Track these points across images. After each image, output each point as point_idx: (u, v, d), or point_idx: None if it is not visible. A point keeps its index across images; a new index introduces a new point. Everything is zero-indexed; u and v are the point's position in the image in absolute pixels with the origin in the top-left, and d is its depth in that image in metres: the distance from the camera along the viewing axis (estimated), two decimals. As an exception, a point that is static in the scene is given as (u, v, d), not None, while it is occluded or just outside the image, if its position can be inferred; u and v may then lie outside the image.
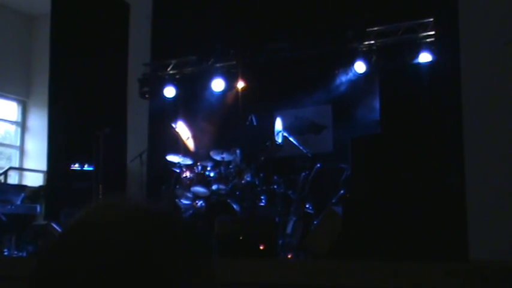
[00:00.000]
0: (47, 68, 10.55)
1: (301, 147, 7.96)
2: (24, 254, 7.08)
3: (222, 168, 8.03)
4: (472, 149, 4.84)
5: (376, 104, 6.37)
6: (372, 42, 8.36)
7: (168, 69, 9.78)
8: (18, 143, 12.88)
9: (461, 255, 4.70)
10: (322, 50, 8.65)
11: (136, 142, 9.53)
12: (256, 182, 7.80)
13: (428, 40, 7.91)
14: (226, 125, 9.11)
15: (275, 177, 7.73)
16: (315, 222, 6.54)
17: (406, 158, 5.41)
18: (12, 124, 12.98)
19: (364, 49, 8.38)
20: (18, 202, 8.79)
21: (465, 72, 4.86)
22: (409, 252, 4.98)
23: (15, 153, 12.83)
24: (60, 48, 10.35)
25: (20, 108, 12.99)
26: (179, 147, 8.78)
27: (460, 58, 4.86)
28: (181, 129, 8.73)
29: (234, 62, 9.27)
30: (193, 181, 8.12)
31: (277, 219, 6.97)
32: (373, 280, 4.14)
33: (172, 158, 8.44)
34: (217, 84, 9.21)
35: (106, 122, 8.68)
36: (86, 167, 8.97)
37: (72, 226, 0.88)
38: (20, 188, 9.95)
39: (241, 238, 6.07)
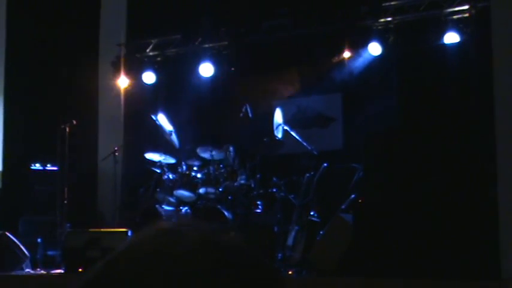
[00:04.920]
0: (2, 49, 10.52)
1: (305, 144, 7.98)
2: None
3: (211, 168, 8.04)
4: (506, 146, 4.87)
5: (394, 92, 6.40)
6: (389, 19, 8.37)
7: (148, 51, 9.78)
8: (-33, 138, 12.85)
9: (493, 272, 4.74)
10: (330, 28, 8.66)
11: (109, 137, 9.53)
12: (252, 185, 7.82)
13: (455, 17, 7.92)
14: (216, 117, 9.12)
15: (274, 179, 7.75)
16: (321, 233, 6.57)
17: (428, 156, 5.44)
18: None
19: (380, 27, 8.39)
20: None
21: (497, 54, 4.88)
22: (431, 269, 5.02)
23: (-36, 151, 12.81)
24: (18, 24, 10.32)
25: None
26: (160, 143, 8.79)
27: (492, 38, 4.89)
28: (163, 122, 8.74)
29: (226, 42, 9.27)
30: (176, 183, 8.14)
31: (276, 229, 7.00)
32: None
33: (152, 156, 8.45)
34: (206, 69, 9.21)
35: (73, 113, 8.68)
36: (48, 167, 8.97)
37: (127, 256, 0.88)
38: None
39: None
